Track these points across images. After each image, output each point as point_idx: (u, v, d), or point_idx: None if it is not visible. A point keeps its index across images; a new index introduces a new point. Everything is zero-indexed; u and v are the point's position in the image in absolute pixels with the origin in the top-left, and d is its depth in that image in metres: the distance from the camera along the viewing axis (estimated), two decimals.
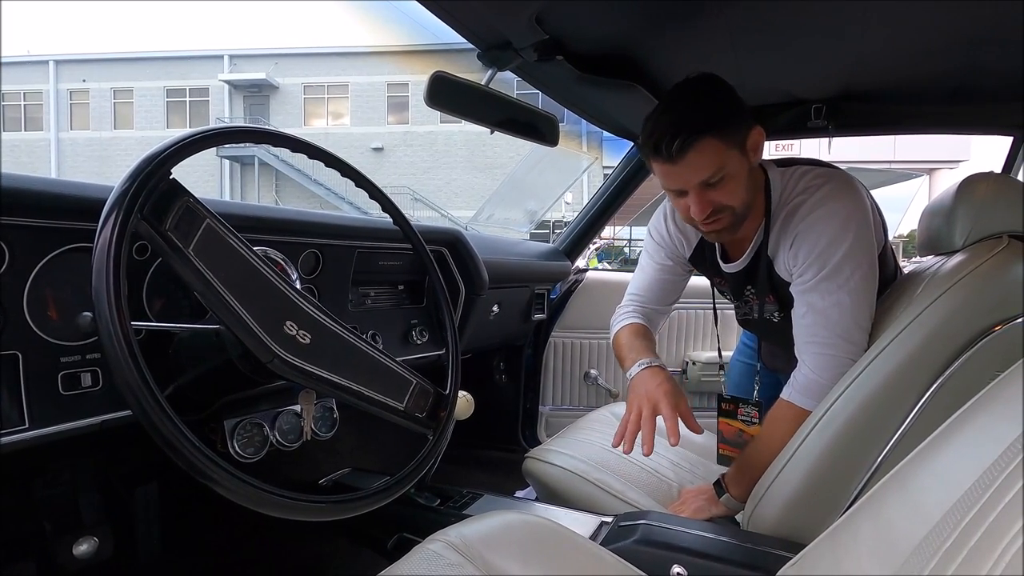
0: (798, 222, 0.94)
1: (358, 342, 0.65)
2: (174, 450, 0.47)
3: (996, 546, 0.36)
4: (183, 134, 0.54)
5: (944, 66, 1.03)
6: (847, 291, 0.89)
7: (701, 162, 0.88)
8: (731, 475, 0.97)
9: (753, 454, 0.95)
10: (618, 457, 1.11)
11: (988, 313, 0.80)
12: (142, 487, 1.01)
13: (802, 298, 0.94)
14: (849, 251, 0.90)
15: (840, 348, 0.89)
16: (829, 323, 0.90)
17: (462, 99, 0.96)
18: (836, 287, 0.90)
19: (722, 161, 0.88)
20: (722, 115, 0.88)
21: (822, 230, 0.91)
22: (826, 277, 0.90)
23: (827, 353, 0.90)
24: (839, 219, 0.91)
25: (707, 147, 0.87)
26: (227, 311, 0.54)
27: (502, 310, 1.50)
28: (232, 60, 17.97)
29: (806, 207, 0.94)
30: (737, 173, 0.90)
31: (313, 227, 0.94)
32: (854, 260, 0.90)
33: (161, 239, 0.50)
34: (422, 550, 0.70)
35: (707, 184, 0.89)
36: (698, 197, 0.91)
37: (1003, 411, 0.47)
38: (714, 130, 0.87)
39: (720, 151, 0.88)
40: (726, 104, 0.90)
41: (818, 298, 0.91)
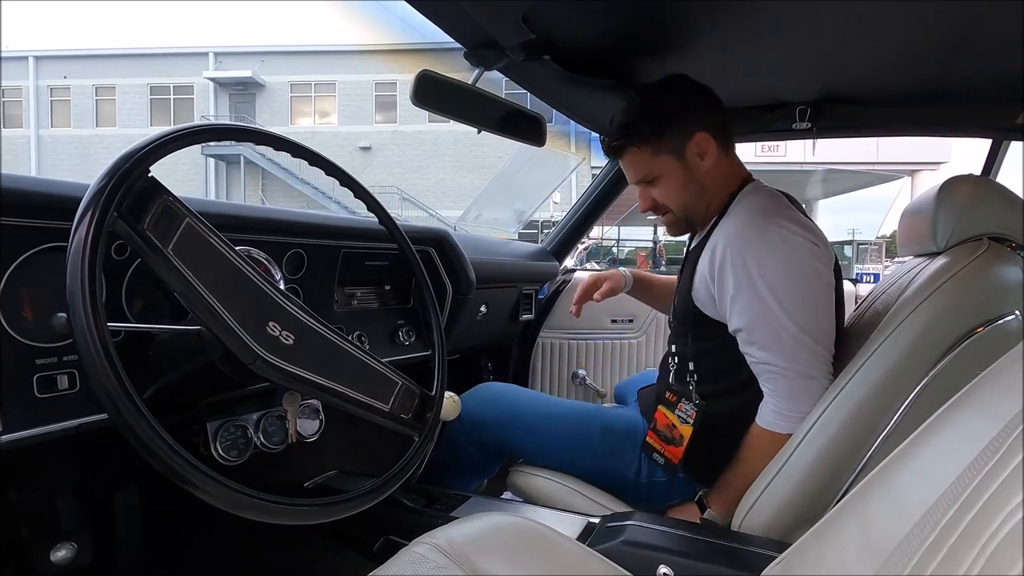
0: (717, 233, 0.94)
1: (342, 343, 0.65)
2: (152, 454, 0.46)
3: (976, 543, 0.36)
4: (163, 131, 0.53)
5: (925, 69, 1.04)
6: (790, 319, 0.86)
7: (629, 166, 1.01)
8: (714, 494, 0.98)
9: (736, 476, 0.94)
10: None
11: (971, 315, 0.81)
12: (122, 491, 0.99)
13: (732, 321, 0.92)
14: (787, 282, 0.87)
15: (800, 372, 0.87)
16: (776, 354, 0.88)
17: (449, 98, 0.96)
18: (777, 315, 0.86)
19: (649, 167, 0.98)
20: (651, 126, 0.96)
21: (752, 257, 0.88)
22: (759, 300, 0.87)
23: (784, 377, 0.88)
24: (769, 252, 0.88)
25: (632, 154, 0.98)
26: (208, 312, 0.53)
27: (490, 310, 1.50)
28: (217, 57, 17.74)
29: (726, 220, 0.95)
30: (672, 176, 0.97)
31: (298, 227, 0.93)
32: (795, 293, 0.87)
33: (139, 238, 0.49)
34: (408, 553, 0.70)
35: (643, 183, 1.01)
36: (640, 193, 1.04)
37: (982, 409, 0.48)
38: (638, 140, 0.97)
39: (646, 158, 0.97)
40: (662, 115, 0.96)
41: (754, 318, 0.88)
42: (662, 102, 0.97)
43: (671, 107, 0.96)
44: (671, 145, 0.95)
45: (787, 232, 0.88)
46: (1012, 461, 0.38)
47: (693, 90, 0.98)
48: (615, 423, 1.11)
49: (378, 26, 17.66)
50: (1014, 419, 0.41)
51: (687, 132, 0.95)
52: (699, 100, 0.98)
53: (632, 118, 0.97)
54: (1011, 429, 0.40)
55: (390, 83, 17.12)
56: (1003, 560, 0.33)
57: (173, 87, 17.89)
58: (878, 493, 0.53)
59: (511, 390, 1.23)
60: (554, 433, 1.11)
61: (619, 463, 1.06)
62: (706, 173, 0.97)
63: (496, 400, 1.19)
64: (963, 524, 0.38)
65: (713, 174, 0.98)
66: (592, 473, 1.08)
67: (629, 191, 1.81)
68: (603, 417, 1.12)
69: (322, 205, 15.17)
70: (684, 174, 0.97)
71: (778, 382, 0.89)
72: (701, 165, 0.96)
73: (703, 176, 0.97)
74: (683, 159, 0.96)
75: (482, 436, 1.16)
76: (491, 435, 1.15)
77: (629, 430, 1.09)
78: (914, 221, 0.96)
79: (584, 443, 1.08)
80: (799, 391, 0.88)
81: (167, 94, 17.94)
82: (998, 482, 0.38)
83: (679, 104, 0.97)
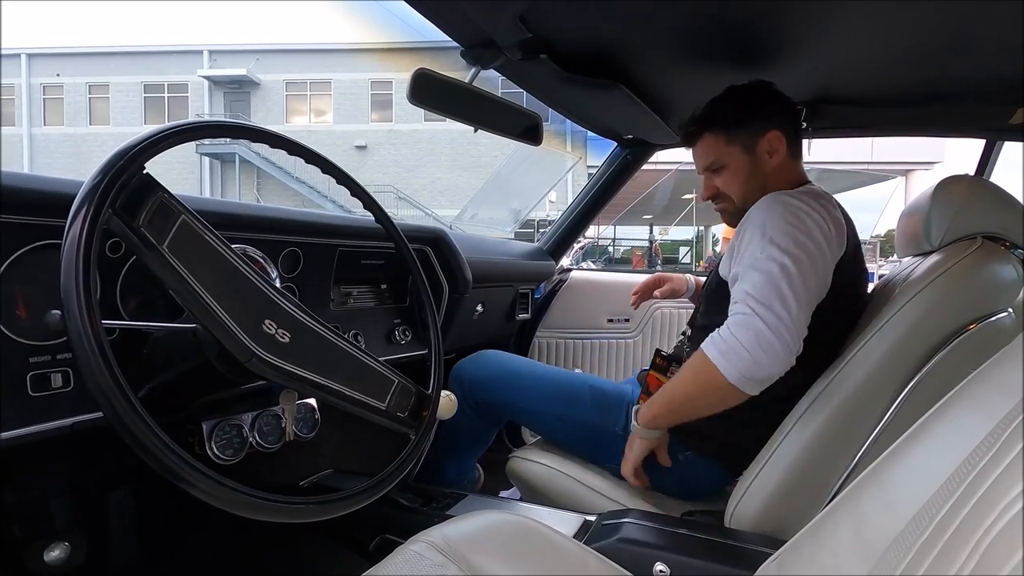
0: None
1: (339, 341, 0.64)
2: (147, 452, 0.46)
3: (970, 539, 0.36)
4: (158, 127, 0.52)
5: (920, 70, 1.05)
6: (777, 264, 0.86)
7: (701, 152, 1.08)
8: (641, 409, 1.01)
9: (662, 392, 0.98)
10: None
11: (963, 312, 0.82)
12: (117, 491, 0.99)
13: (737, 270, 0.94)
14: (787, 234, 0.88)
15: (757, 311, 0.84)
16: (749, 285, 0.87)
17: (445, 97, 0.96)
18: (766, 257, 0.88)
19: (719, 155, 1.04)
20: (729, 116, 1.03)
21: (766, 212, 0.93)
22: (758, 245, 0.90)
23: (742, 312, 0.86)
24: (783, 209, 0.92)
25: (705, 141, 1.06)
26: (203, 310, 0.53)
27: (486, 310, 1.50)
28: (212, 56, 17.65)
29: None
30: (738, 167, 1.03)
31: (294, 225, 0.93)
32: (789, 243, 0.88)
33: (134, 235, 0.48)
34: (404, 551, 0.70)
35: (710, 170, 1.07)
36: (704, 180, 1.10)
37: (976, 406, 0.48)
38: (714, 128, 1.04)
39: (718, 146, 1.04)
40: (741, 109, 1.03)
41: (747, 261, 0.90)
42: (744, 97, 1.03)
43: (751, 103, 1.03)
44: (744, 138, 1.02)
45: (805, 205, 0.92)
46: (1006, 458, 0.38)
47: (775, 94, 1.03)
48: (604, 385, 1.18)
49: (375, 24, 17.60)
50: (1007, 416, 0.41)
51: (762, 129, 1.01)
52: (779, 103, 1.04)
53: (713, 108, 1.04)
54: (1004, 426, 0.41)
55: (386, 82, 17.09)
56: (997, 556, 0.33)
57: (167, 85, 17.78)
58: (872, 491, 0.54)
59: (507, 355, 1.31)
60: (546, 392, 1.17)
61: (606, 419, 1.11)
62: (771, 171, 1.02)
63: (493, 363, 1.27)
64: (957, 521, 0.39)
65: (777, 173, 1.03)
66: (582, 428, 1.13)
67: (625, 190, 1.81)
68: (592, 380, 1.20)
69: (317, 204, 15.13)
70: (750, 167, 1.02)
71: (744, 320, 0.85)
72: (768, 162, 1.02)
73: (768, 173, 1.02)
74: (753, 153, 1.02)
75: (478, 395, 1.23)
76: (487, 395, 1.23)
77: (617, 392, 1.16)
78: (910, 221, 0.97)
79: (574, 401, 1.14)
80: (759, 340, 0.82)
81: (161, 92, 17.84)
82: (992, 478, 0.38)
83: (759, 102, 1.03)
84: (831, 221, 0.92)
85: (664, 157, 1.77)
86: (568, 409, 1.14)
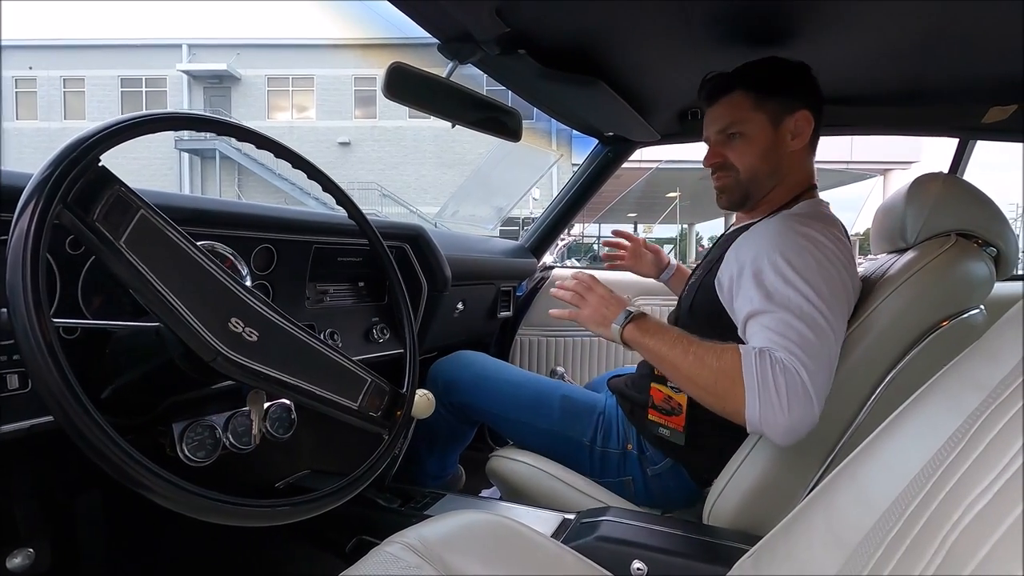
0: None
1: (310, 339, 0.63)
2: (101, 457, 0.44)
3: (938, 534, 0.36)
4: (116, 118, 0.50)
5: (897, 69, 1.06)
6: (824, 321, 0.77)
7: (721, 111, 0.96)
8: (644, 326, 0.88)
9: (669, 357, 0.85)
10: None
11: (937, 308, 0.82)
12: (84, 494, 0.96)
13: (744, 304, 0.84)
14: (829, 285, 0.80)
15: (806, 369, 0.75)
16: (796, 333, 0.77)
17: (421, 91, 0.94)
18: (810, 307, 0.78)
19: (741, 118, 0.94)
20: (766, 82, 0.93)
21: (796, 245, 0.83)
22: (793, 285, 0.80)
23: (791, 361, 0.76)
24: (821, 255, 0.82)
25: (732, 99, 0.95)
26: (165, 308, 0.51)
27: (467, 307, 1.49)
28: (191, 50, 17.33)
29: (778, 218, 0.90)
30: (755, 138, 0.94)
31: (266, 221, 0.90)
32: (831, 299, 0.79)
33: (88, 230, 0.46)
34: (379, 553, 0.69)
35: (724, 134, 0.96)
36: (713, 146, 0.99)
37: (946, 402, 0.49)
38: (747, 86, 0.93)
39: (743, 108, 0.94)
40: (780, 79, 0.93)
41: (779, 298, 0.79)
42: (785, 68, 0.93)
43: (791, 76, 0.94)
44: (773, 107, 0.93)
45: (833, 242, 0.84)
46: (973, 453, 0.38)
47: (814, 79, 0.95)
48: (574, 394, 1.17)
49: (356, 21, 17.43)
50: (975, 411, 0.42)
51: (793, 105, 0.93)
52: (815, 88, 0.95)
53: (748, 68, 0.94)
54: (972, 421, 0.41)
55: (370, 78, 16.93)
56: (962, 554, 0.33)
57: (145, 79, 17.42)
58: (845, 486, 0.54)
59: (482, 357, 1.30)
60: (517, 397, 1.16)
61: (575, 430, 1.10)
62: (788, 155, 0.95)
63: (468, 365, 1.26)
64: (925, 517, 0.39)
65: (792, 161, 0.95)
66: (549, 437, 1.12)
67: (607, 187, 1.81)
68: (565, 389, 1.18)
69: (300, 201, 14.96)
70: (769, 143, 0.94)
71: (792, 374, 0.75)
72: (789, 144, 0.94)
73: (784, 156, 0.95)
74: (777, 128, 0.93)
75: (453, 397, 1.22)
76: (461, 396, 1.22)
77: (588, 402, 1.14)
78: (886, 218, 0.98)
79: (544, 408, 1.13)
80: (801, 402, 0.74)
81: (139, 87, 17.47)
82: (960, 473, 0.38)
83: (800, 78, 0.94)
84: (849, 256, 0.86)
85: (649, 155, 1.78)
86: (536, 417, 1.13)
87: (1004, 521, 0.32)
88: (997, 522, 0.32)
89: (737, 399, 0.76)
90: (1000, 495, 0.33)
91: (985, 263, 0.87)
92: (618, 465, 1.07)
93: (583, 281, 0.98)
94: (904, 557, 0.39)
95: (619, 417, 1.10)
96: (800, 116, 0.93)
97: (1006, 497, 0.33)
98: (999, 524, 0.32)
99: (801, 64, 0.94)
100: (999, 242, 0.89)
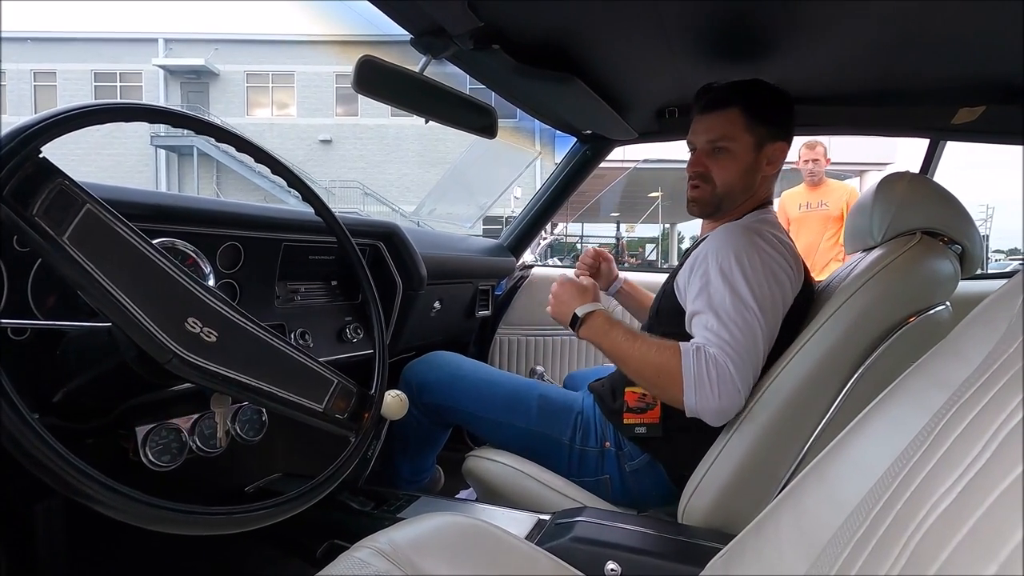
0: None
1: (272, 339, 0.61)
2: (38, 465, 0.42)
3: (903, 534, 0.36)
4: (58, 108, 0.48)
5: (869, 70, 1.07)
6: (756, 319, 0.89)
7: (714, 123, 1.02)
8: (595, 329, 0.99)
9: (620, 347, 0.96)
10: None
11: (902, 305, 0.83)
12: (43, 501, 0.92)
13: (695, 301, 0.94)
14: (764, 283, 0.91)
15: (733, 363, 0.87)
16: (727, 333, 0.88)
17: (393, 86, 0.92)
18: (743, 306, 0.89)
19: (733, 135, 1.00)
20: (760, 106, 1.00)
21: (740, 251, 0.93)
22: (734, 287, 0.91)
23: (722, 356, 0.88)
24: (759, 258, 0.92)
25: (731, 114, 1.00)
26: (114, 307, 0.49)
27: (444, 306, 1.47)
28: (168, 44, 16.97)
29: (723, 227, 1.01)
30: (739, 156, 1.01)
31: (232, 218, 0.88)
32: (764, 293, 0.90)
33: (27, 225, 0.44)
34: (348, 558, 0.67)
35: (712, 146, 1.02)
36: (698, 155, 1.05)
37: (912, 400, 0.49)
38: (745, 108, 0.99)
39: (736, 127, 1.00)
40: (775, 109, 1.02)
41: (724, 297, 0.90)
42: (779, 97, 1.02)
43: (785, 107, 1.03)
44: (762, 132, 1.00)
45: (772, 246, 0.95)
46: (938, 452, 0.38)
47: (793, 111, 1.04)
48: (552, 393, 1.16)
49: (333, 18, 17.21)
50: (941, 410, 0.41)
51: (778, 134, 1.02)
52: (792, 121, 1.05)
53: (754, 88, 1.01)
54: (937, 420, 0.41)
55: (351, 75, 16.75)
56: (927, 551, 0.33)
57: (120, 74, 17.02)
58: (814, 485, 0.54)
59: (456, 358, 1.28)
60: (494, 397, 1.16)
61: (553, 429, 1.10)
62: (761, 179, 1.03)
63: (442, 365, 1.24)
64: (892, 515, 0.38)
65: (762, 183, 1.04)
66: (527, 436, 1.12)
67: (586, 185, 1.81)
68: (542, 388, 1.18)
69: (280, 199, 14.74)
70: (749, 164, 1.01)
71: (723, 365, 0.87)
72: (764, 169, 1.03)
73: (758, 178, 1.03)
74: (759, 153, 1.01)
75: (426, 398, 1.21)
76: (435, 397, 1.20)
77: (566, 400, 1.15)
78: (856, 218, 0.99)
79: (521, 408, 1.13)
80: (730, 388, 0.86)
81: (113, 81, 17.05)
82: (924, 472, 0.38)
83: (787, 110, 1.03)
84: (794, 260, 0.96)
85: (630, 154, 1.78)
86: (513, 417, 1.13)
87: (967, 522, 0.31)
88: (960, 523, 0.32)
89: (676, 388, 0.88)
90: (963, 495, 0.33)
91: (950, 260, 0.88)
92: (596, 463, 1.07)
93: (557, 280, 1.07)
94: (870, 557, 0.38)
95: (597, 416, 1.11)
96: (779, 146, 1.02)
97: (969, 497, 0.33)
98: (962, 525, 0.31)
99: (790, 97, 1.03)
100: (964, 240, 0.90)
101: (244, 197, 15.05)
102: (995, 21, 0.81)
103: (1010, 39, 0.85)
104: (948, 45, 0.92)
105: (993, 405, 0.36)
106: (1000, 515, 0.29)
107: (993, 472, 0.32)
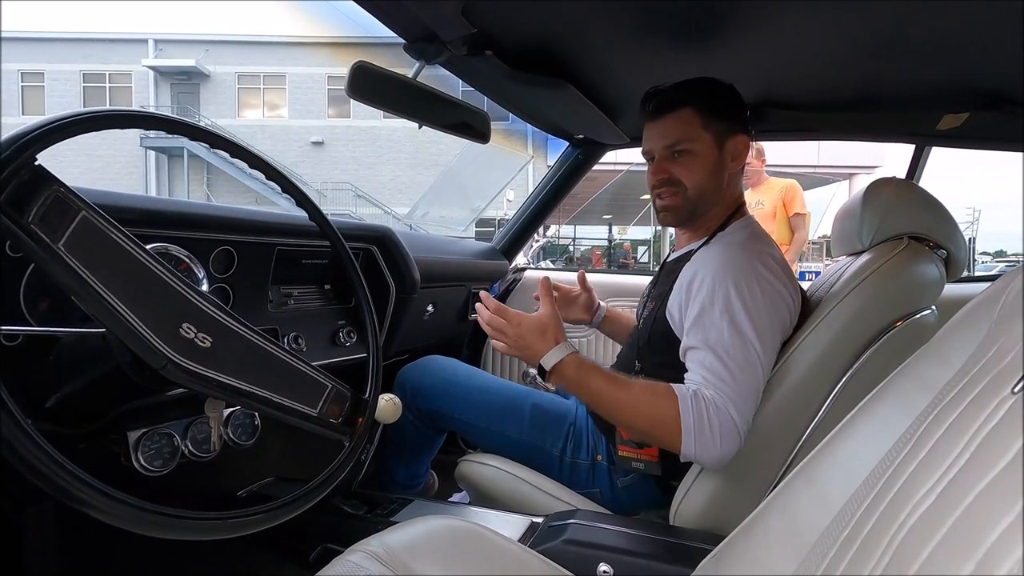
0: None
1: (267, 344, 0.61)
2: (31, 468, 0.42)
3: (886, 534, 0.37)
4: (53, 116, 0.48)
5: (855, 74, 1.08)
6: (755, 355, 0.84)
7: (668, 127, 0.97)
8: (565, 378, 0.90)
9: (608, 396, 0.87)
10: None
11: (890, 309, 0.85)
12: (35, 505, 0.92)
13: (692, 334, 0.89)
14: (767, 317, 0.86)
15: (736, 409, 0.82)
16: (728, 373, 0.83)
17: (386, 91, 0.93)
18: (744, 342, 0.84)
19: (690, 136, 0.96)
20: (712, 102, 0.96)
21: (740, 279, 0.88)
22: (735, 324, 0.85)
23: (721, 402, 0.83)
24: (761, 288, 0.88)
25: (683, 116, 0.96)
26: (109, 313, 0.49)
27: (437, 310, 1.47)
28: (158, 45, 16.85)
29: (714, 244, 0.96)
30: (702, 155, 0.96)
31: (225, 222, 0.88)
32: (765, 329, 0.86)
33: (23, 233, 0.44)
34: (342, 562, 0.67)
35: (672, 151, 0.97)
36: (659, 162, 0.99)
37: (897, 402, 0.50)
38: (697, 105, 0.95)
39: (692, 127, 0.95)
40: (724, 101, 0.97)
41: (723, 334, 0.85)
42: (729, 91, 0.98)
43: (735, 99, 0.99)
44: (719, 128, 0.96)
45: (773, 273, 0.90)
46: (920, 453, 0.39)
47: (742, 102, 1.01)
48: (545, 402, 1.15)
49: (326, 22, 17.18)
50: (924, 411, 0.42)
51: (736, 128, 0.98)
52: (746, 113, 1.01)
53: (697, 87, 0.96)
54: (920, 421, 0.42)
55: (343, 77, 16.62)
56: (909, 551, 0.34)
57: (109, 75, 16.87)
58: (802, 486, 0.55)
59: (451, 363, 1.27)
60: (487, 404, 1.15)
61: (545, 440, 1.10)
62: (729, 176, 1.00)
63: (437, 371, 1.24)
64: (876, 515, 0.39)
65: (731, 182, 1.01)
66: (518, 446, 1.11)
67: (579, 188, 1.82)
68: (536, 397, 1.16)
69: (272, 202, 14.66)
70: (714, 163, 0.97)
71: (724, 413, 0.82)
72: (730, 165, 0.99)
73: (726, 176, 0.99)
74: (721, 149, 0.97)
75: (420, 403, 1.20)
76: (429, 403, 1.19)
77: (559, 410, 1.13)
78: (844, 222, 1.01)
79: (514, 416, 1.12)
80: (731, 437, 0.82)
81: (102, 82, 16.91)
82: (907, 473, 0.39)
83: (738, 102, 0.99)
84: (789, 280, 0.91)
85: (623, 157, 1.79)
86: (505, 425, 1.12)
87: (947, 521, 0.32)
88: (941, 522, 0.32)
89: (674, 438, 0.82)
90: (944, 495, 0.34)
91: (936, 265, 0.90)
92: (587, 476, 1.07)
93: (492, 324, 0.96)
94: (855, 557, 0.39)
95: (589, 427, 1.10)
96: (740, 139, 0.98)
97: (950, 497, 0.33)
98: (942, 524, 0.32)
99: (733, 88, 0.99)
100: (949, 245, 0.92)
101: (235, 198, 15.01)
102: (978, 29, 0.83)
103: (993, 47, 0.87)
104: (932, 52, 0.93)
105: (973, 407, 0.37)
106: (978, 515, 0.30)
107: (972, 473, 0.33)
